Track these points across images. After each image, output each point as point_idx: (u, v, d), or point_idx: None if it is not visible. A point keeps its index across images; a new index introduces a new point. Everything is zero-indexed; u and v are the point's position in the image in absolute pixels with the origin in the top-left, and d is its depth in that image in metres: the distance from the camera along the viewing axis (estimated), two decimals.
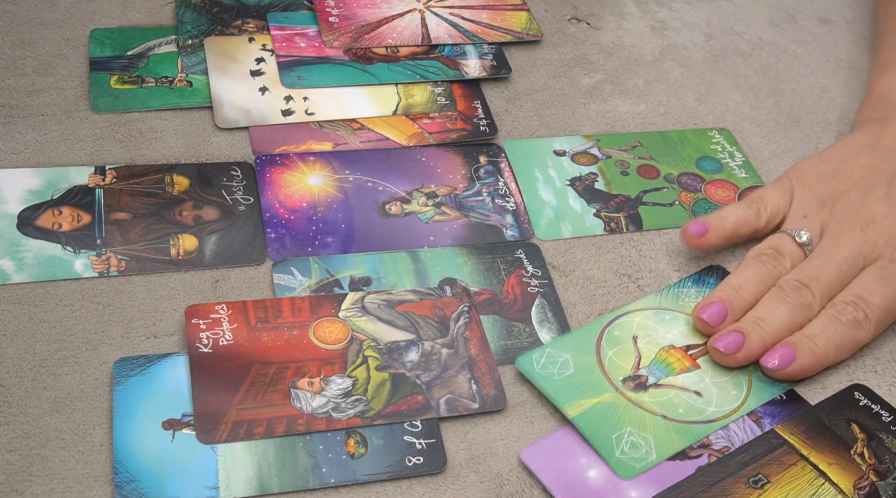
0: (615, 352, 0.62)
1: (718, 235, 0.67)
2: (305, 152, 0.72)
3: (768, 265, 0.64)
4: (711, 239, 0.67)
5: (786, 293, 0.63)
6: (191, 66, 0.76)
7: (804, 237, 0.66)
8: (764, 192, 0.69)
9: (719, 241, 0.67)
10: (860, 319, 0.62)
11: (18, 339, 0.59)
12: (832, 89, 0.83)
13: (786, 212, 0.69)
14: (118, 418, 0.56)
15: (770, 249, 0.65)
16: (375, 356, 0.60)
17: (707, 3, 0.90)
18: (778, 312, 0.62)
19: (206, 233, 0.66)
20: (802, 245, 0.66)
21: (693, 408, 0.60)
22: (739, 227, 0.68)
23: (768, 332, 0.61)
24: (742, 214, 0.68)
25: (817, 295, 0.63)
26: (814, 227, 0.67)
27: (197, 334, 0.60)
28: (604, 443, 0.57)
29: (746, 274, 0.64)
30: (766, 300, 0.63)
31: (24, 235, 0.64)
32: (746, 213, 0.68)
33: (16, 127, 0.71)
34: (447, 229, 0.68)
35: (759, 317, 0.62)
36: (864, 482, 0.57)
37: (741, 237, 0.68)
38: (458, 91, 0.78)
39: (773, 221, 0.68)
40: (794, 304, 0.62)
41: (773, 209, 0.68)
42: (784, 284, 0.63)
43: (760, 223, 0.68)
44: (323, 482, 0.55)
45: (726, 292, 0.63)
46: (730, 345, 0.61)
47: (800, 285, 0.63)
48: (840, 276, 0.64)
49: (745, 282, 0.64)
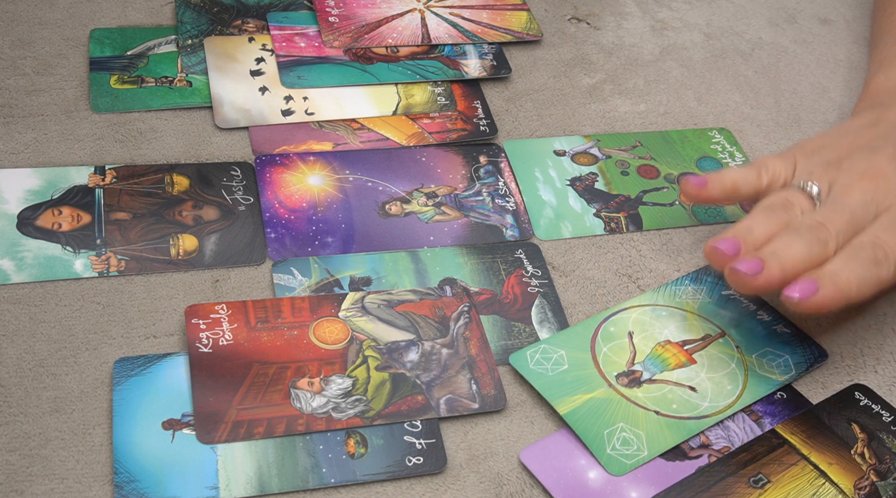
0: (610, 348, 0.62)
1: (719, 188, 0.65)
2: (305, 152, 0.72)
3: (779, 211, 0.63)
4: (712, 191, 0.65)
5: (800, 231, 0.61)
6: (191, 66, 0.76)
7: (814, 189, 0.64)
8: (766, 158, 0.68)
9: (720, 193, 0.65)
10: (881, 257, 0.60)
11: (18, 339, 0.59)
12: (832, 89, 0.83)
13: (788, 177, 0.67)
14: (118, 418, 0.56)
15: (779, 199, 0.64)
16: (375, 356, 0.60)
17: (707, 3, 0.90)
18: (795, 245, 0.60)
19: (206, 233, 0.66)
20: (813, 196, 0.64)
21: (687, 403, 0.60)
22: (740, 185, 0.66)
23: (787, 261, 0.59)
24: (743, 174, 0.66)
25: (833, 233, 0.61)
26: (822, 184, 0.65)
27: (197, 334, 0.60)
28: (595, 439, 0.57)
29: (757, 218, 0.62)
30: (780, 237, 0.61)
31: (23, 235, 0.64)
32: (748, 173, 0.66)
33: (16, 127, 0.71)
34: (447, 229, 0.68)
35: (774, 249, 0.60)
36: (864, 482, 0.57)
37: (742, 196, 0.66)
38: (458, 91, 0.78)
39: (775, 184, 0.66)
40: (809, 239, 0.60)
41: (774, 172, 0.66)
42: (797, 224, 0.61)
43: (762, 183, 0.66)
44: (323, 482, 0.55)
45: (738, 231, 0.61)
46: (751, 266, 0.58)
47: (815, 224, 0.61)
48: (853, 220, 0.62)
49: (755, 224, 0.62)
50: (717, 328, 0.64)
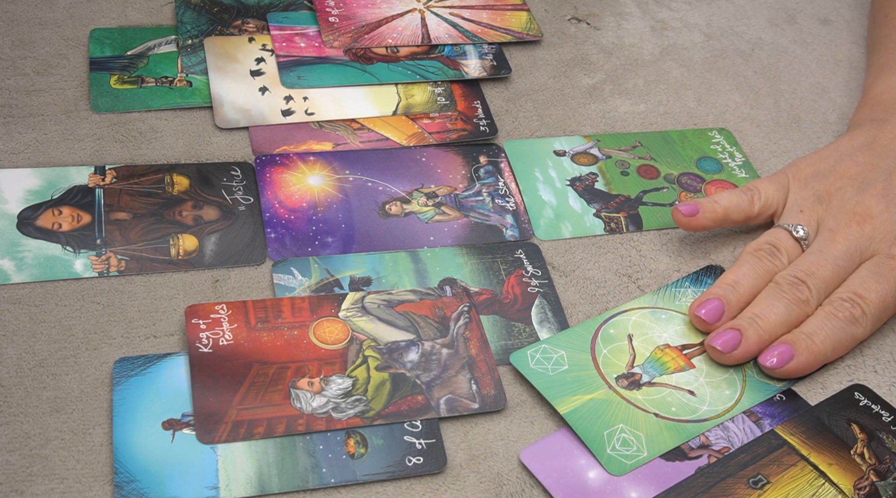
0: (610, 349, 0.62)
1: (710, 217, 0.67)
2: (305, 152, 0.72)
3: (765, 261, 0.65)
4: (702, 220, 0.67)
5: (782, 289, 0.63)
6: (191, 66, 0.76)
7: (801, 232, 0.66)
8: (758, 183, 0.69)
9: (710, 222, 0.67)
10: (857, 316, 0.62)
11: (18, 339, 0.59)
12: (832, 89, 0.83)
13: (779, 204, 0.69)
14: (118, 418, 0.56)
15: (767, 245, 0.65)
16: (375, 356, 0.60)
17: (707, 3, 0.90)
18: (775, 308, 0.62)
19: (206, 233, 0.66)
20: (799, 239, 0.66)
21: (686, 407, 0.60)
22: (732, 211, 0.68)
23: (765, 328, 0.61)
24: (735, 199, 0.68)
25: (814, 291, 0.63)
26: (810, 223, 0.67)
27: (197, 334, 0.60)
28: (595, 439, 0.57)
29: (743, 270, 0.64)
30: (762, 297, 0.63)
31: (24, 235, 0.64)
32: (740, 199, 0.68)
33: (16, 127, 0.71)
34: (447, 229, 0.68)
35: (755, 313, 0.62)
36: (864, 482, 0.57)
37: (733, 222, 0.68)
38: (458, 91, 0.78)
39: (766, 211, 0.68)
40: (790, 300, 0.62)
41: (766, 199, 0.68)
42: (781, 280, 0.63)
43: (753, 210, 0.68)
44: (323, 482, 0.55)
45: (723, 289, 0.63)
46: (727, 343, 0.61)
47: (796, 281, 0.63)
48: (836, 271, 0.64)
49: (741, 278, 0.64)
50: None
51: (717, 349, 0.61)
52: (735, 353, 0.61)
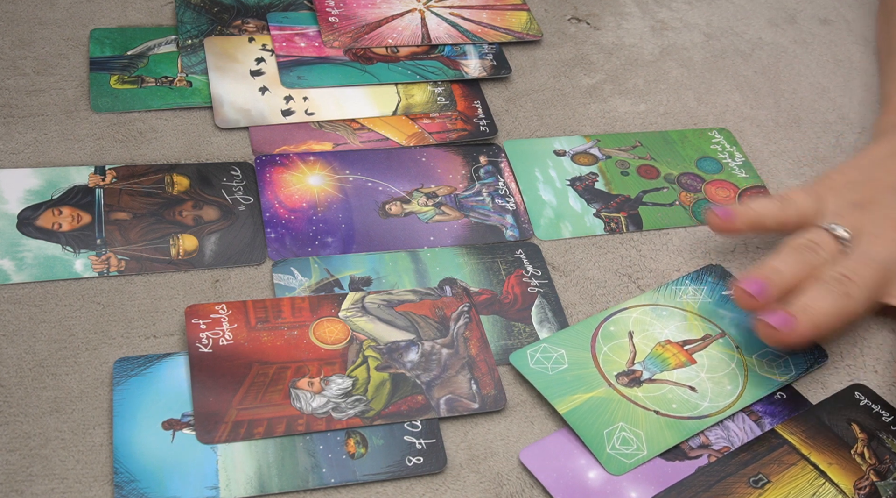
0: (610, 347, 0.62)
1: (744, 221, 0.66)
2: (305, 152, 0.72)
3: (806, 253, 0.63)
4: (737, 223, 0.66)
5: (829, 284, 0.61)
6: (191, 66, 0.76)
7: (842, 232, 0.64)
8: (792, 191, 0.68)
9: (745, 226, 0.66)
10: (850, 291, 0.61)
11: (18, 339, 0.59)
12: (832, 89, 0.83)
13: (813, 214, 0.67)
14: (118, 418, 0.56)
15: (807, 240, 0.64)
16: (375, 356, 0.60)
17: (707, 3, 0.90)
18: (825, 300, 0.61)
19: (206, 233, 0.66)
20: (840, 239, 0.64)
21: (687, 403, 0.60)
22: (765, 217, 0.66)
23: (817, 318, 0.60)
24: (768, 205, 0.66)
25: (861, 286, 0.62)
26: (850, 227, 0.65)
27: (197, 334, 0.60)
28: (595, 438, 0.57)
29: (783, 257, 0.63)
30: (810, 288, 0.61)
31: (24, 235, 0.64)
32: (773, 205, 0.66)
33: (16, 127, 0.71)
34: (447, 229, 0.68)
35: (806, 303, 0.60)
36: (864, 482, 0.57)
37: (766, 229, 0.67)
38: (458, 91, 0.78)
39: (800, 220, 0.67)
40: (838, 293, 0.61)
41: (799, 206, 0.67)
42: (825, 275, 0.62)
43: (787, 218, 0.66)
44: (323, 482, 0.55)
45: (766, 270, 0.62)
46: (782, 322, 0.59)
47: (842, 277, 0.62)
48: (884, 273, 0.63)
49: (782, 265, 0.62)
50: (718, 328, 0.64)
51: (771, 326, 0.59)
52: (790, 334, 0.59)
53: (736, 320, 0.65)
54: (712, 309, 0.65)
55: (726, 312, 0.65)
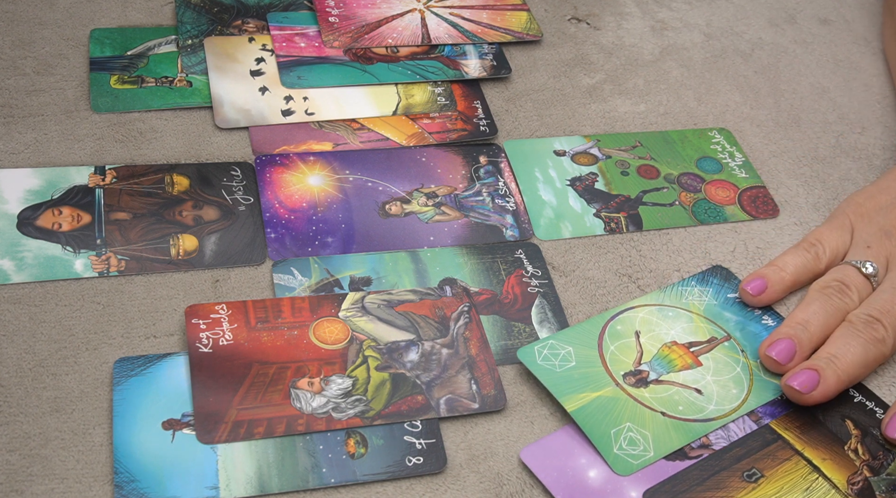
0: (617, 346, 0.62)
1: (779, 290, 0.65)
2: (305, 152, 0.72)
3: (834, 298, 0.62)
4: (772, 294, 0.65)
5: (857, 329, 0.61)
6: (191, 66, 0.76)
7: (870, 268, 0.64)
8: (821, 234, 0.67)
9: (781, 295, 0.65)
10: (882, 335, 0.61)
11: (18, 339, 0.59)
12: (832, 89, 0.83)
13: (846, 250, 0.66)
14: (118, 418, 0.56)
15: (835, 282, 0.63)
16: (375, 356, 0.60)
17: (707, 3, 0.90)
18: (851, 348, 0.60)
19: (206, 233, 0.66)
20: (869, 276, 0.63)
21: (693, 405, 0.60)
22: (800, 275, 0.65)
23: (843, 369, 0.59)
24: (801, 262, 0.65)
25: (890, 329, 0.61)
26: (879, 259, 0.64)
27: (197, 334, 0.60)
28: (602, 438, 0.57)
29: (812, 308, 0.62)
30: (837, 336, 0.61)
31: (24, 235, 0.64)
32: (805, 259, 0.65)
33: (16, 127, 0.71)
34: (447, 229, 0.68)
35: (832, 353, 0.60)
36: (857, 477, 0.57)
37: (802, 284, 0.66)
38: (458, 91, 0.78)
39: (834, 263, 0.66)
40: (866, 339, 0.60)
41: (832, 251, 0.66)
42: (854, 318, 0.61)
43: (821, 266, 0.66)
44: (323, 482, 0.55)
45: (793, 328, 0.61)
46: (805, 382, 0.59)
47: (871, 319, 0.61)
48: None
49: (811, 316, 0.61)
50: (723, 331, 0.64)
51: (794, 389, 0.59)
52: (814, 394, 0.59)
53: (741, 324, 0.64)
54: (717, 311, 0.65)
55: (731, 315, 0.65)
